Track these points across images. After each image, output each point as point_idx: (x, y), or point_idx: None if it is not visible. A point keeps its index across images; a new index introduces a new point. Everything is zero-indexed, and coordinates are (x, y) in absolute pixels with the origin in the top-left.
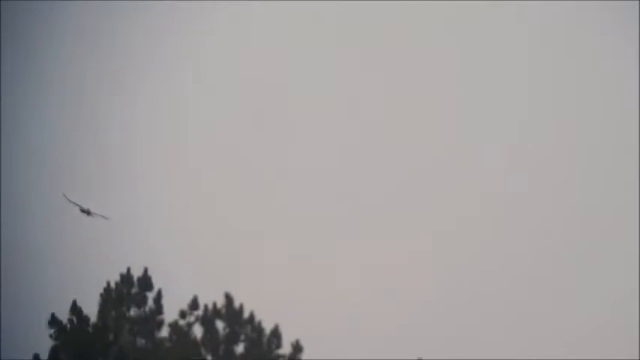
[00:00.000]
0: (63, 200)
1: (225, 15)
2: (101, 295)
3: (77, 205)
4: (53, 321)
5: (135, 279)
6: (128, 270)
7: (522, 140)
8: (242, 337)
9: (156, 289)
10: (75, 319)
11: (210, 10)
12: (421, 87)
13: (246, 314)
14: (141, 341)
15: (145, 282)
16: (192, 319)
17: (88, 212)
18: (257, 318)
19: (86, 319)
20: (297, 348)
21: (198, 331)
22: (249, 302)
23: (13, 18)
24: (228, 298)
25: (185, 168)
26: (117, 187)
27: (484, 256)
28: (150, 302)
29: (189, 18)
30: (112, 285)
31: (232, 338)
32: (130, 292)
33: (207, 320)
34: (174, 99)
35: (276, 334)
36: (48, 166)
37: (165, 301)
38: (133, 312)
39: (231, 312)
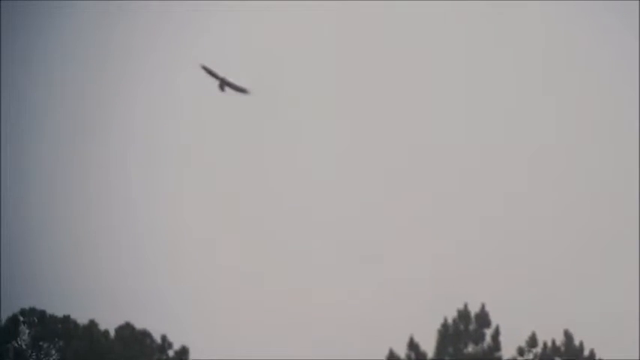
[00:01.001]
0: (201, 72)
1: (225, 15)
2: (439, 331)
3: (216, 75)
4: (391, 356)
5: (472, 315)
6: (465, 306)
7: (522, 140)
8: None
9: (493, 326)
10: (413, 355)
11: (209, 10)
12: (425, 87)
13: (586, 352)
14: None
15: (483, 318)
16: (530, 356)
17: (224, 84)
18: (597, 355)
19: (424, 354)
20: None
21: None
22: None
23: (13, 18)
24: (568, 336)
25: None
26: (116, 185)
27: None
28: (487, 339)
29: (189, 18)
30: (450, 321)
31: None
32: (467, 329)
33: (546, 358)
34: (174, 98)
35: None
36: (48, 166)
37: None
38: (470, 348)
39: (570, 350)
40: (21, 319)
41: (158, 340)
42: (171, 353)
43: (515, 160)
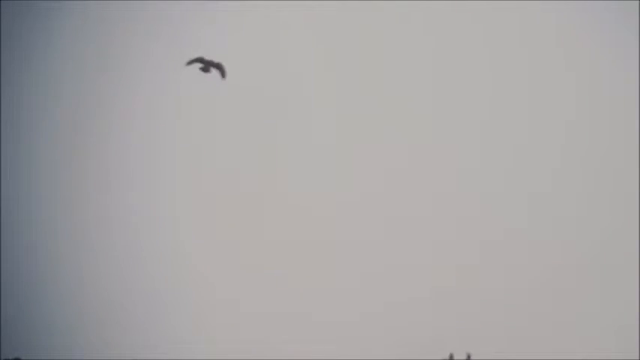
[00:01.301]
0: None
1: (228, 15)
2: None
3: (198, 60)
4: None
5: None
6: (451, 356)
7: (521, 140)
8: None
9: None
10: None
11: (210, 10)
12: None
13: None
14: None
15: None
16: None
17: (207, 65)
18: None
19: None
20: None
21: None
22: None
23: (13, 18)
24: None
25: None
26: (116, 187)
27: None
28: None
29: (190, 18)
30: None
31: None
32: None
33: None
34: (175, 99)
35: None
36: (48, 166)
37: None
38: None
39: None
40: None
41: None
42: None
43: (514, 160)
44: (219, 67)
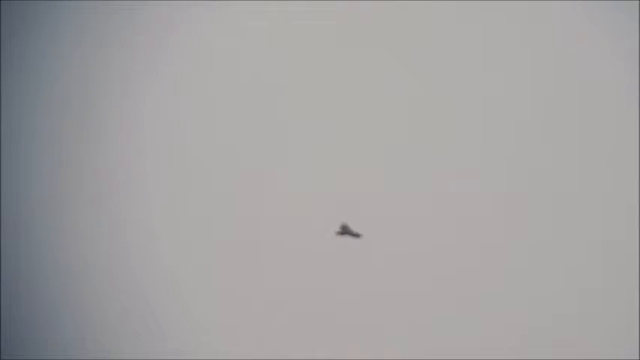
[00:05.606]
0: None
1: (233, 14)
2: None
3: (348, 230)
4: None
5: None
6: None
7: (519, 141)
8: None
9: None
10: None
11: (216, 10)
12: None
13: None
14: None
15: None
16: None
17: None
18: None
19: None
20: None
21: None
22: None
23: (13, 18)
24: None
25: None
26: (119, 189)
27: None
28: None
29: (190, 17)
30: None
31: None
32: None
33: None
34: (179, 100)
35: None
36: (49, 168)
37: None
38: None
39: None
40: None
41: None
42: None
43: (512, 161)
44: (355, 234)
